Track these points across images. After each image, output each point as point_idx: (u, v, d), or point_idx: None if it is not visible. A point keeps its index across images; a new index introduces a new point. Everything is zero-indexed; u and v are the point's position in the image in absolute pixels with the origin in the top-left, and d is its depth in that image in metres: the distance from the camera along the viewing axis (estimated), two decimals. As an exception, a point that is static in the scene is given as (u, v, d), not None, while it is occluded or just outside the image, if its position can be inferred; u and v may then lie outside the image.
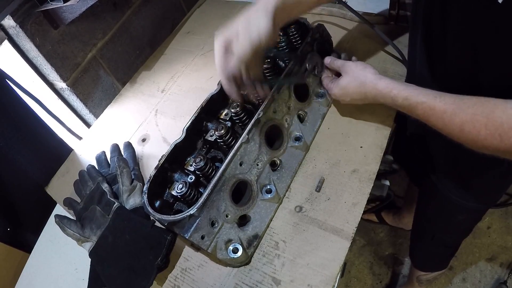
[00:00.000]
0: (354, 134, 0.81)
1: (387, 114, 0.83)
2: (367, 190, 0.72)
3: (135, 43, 1.13)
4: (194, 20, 1.29)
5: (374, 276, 1.64)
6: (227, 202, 0.66)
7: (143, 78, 1.14)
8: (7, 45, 0.85)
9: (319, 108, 0.86)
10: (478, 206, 0.90)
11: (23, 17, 0.81)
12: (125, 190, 0.78)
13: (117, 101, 1.10)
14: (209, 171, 0.69)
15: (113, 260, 0.70)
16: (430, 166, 0.90)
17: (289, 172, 0.77)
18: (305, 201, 0.74)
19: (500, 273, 1.56)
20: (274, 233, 0.71)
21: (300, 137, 0.79)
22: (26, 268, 0.83)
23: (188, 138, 0.73)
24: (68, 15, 0.86)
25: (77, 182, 0.87)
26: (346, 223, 0.69)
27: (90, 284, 0.71)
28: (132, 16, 1.10)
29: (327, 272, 0.64)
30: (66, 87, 0.95)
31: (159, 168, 0.69)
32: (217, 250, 0.65)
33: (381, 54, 0.96)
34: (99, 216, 0.74)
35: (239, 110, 0.74)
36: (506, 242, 1.63)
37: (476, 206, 0.90)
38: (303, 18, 0.88)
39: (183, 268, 0.71)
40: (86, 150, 1.00)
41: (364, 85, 0.70)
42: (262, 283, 0.65)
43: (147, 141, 0.96)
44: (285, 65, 0.83)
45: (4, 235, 0.83)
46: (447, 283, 1.57)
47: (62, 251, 0.83)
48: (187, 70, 1.11)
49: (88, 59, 1.00)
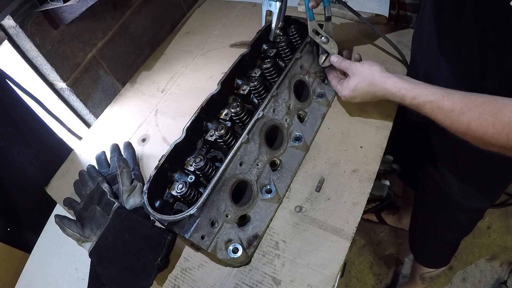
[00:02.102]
0: (354, 134, 0.81)
1: (387, 114, 0.83)
2: (367, 190, 0.72)
3: (135, 43, 1.13)
4: (194, 20, 1.29)
5: (374, 276, 1.64)
6: (227, 202, 0.66)
7: (143, 78, 1.14)
8: (7, 45, 0.85)
9: (319, 108, 0.86)
10: (479, 205, 0.90)
11: (23, 17, 0.81)
12: (125, 190, 0.78)
13: (117, 101, 1.10)
14: (209, 171, 0.69)
15: (113, 260, 0.70)
16: (432, 165, 0.90)
17: (289, 172, 0.77)
18: (305, 201, 0.74)
19: (500, 273, 1.56)
20: (274, 233, 0.71)
21: (300, 137, 0.79)
22: (26, 268, 0.83)
23: (188, 138, 0.73)
24: (68, 15, 0.86)
25: (77, 182, 0.87)
26: (346, 223, 0.69)
27: (90, 284, 0.71)
28: (132, 16, 1.10)
29: (327, 272, 0.64)
30: (66, 87, 0.95)
31: (159, 168, 0.69)
32: (217, 250, 0.65)
33: (381, 54, 0.96)
34: (99, 216, 0.74)
35: (239, 110, 0.74)
36: (506, 242, 1.63)
37: (477, 205, 0.90)
38: (303, 18, 0.88)
39: (183, 268, 0.71)
40: (86, 150, 1.00)
41: (373, 84, 0.71)
42: (262, 283, 0.65)
43: (147, 141, 0.96)
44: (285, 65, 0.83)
45: (4, 235, 0.83)
46: (447, 283, 1.57)
47: (62, 251, 0.83)
48: (187, 70, 1.11)
49: (88, 59, 1.00)
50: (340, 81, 0.80)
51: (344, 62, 0.79)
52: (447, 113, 0.58)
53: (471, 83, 0.64)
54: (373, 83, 0.71)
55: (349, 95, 0.76)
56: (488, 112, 0.52)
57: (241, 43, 1.12)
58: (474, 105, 0.54)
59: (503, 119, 0.50)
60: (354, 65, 0.76)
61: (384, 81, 0.69)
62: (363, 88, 0.73)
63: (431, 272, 1.32)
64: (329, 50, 0.83)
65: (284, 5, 0.85)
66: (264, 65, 0.82)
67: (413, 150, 0.99)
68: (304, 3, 0.77)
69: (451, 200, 0.90)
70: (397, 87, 0.66)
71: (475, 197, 0.88)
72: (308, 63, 0.84)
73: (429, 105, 0.61)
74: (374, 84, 0.71)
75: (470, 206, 0.90)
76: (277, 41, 0.87)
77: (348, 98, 0.77)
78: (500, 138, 0.51)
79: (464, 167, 0.83)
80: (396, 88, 0.66)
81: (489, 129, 0.52)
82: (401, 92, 0.65)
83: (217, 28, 1.23)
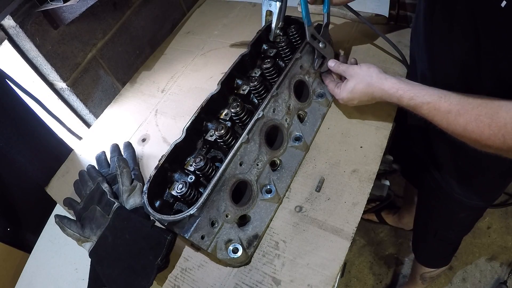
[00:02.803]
0: (354, 134, 0.81)
1: (387, 114, 0.83)
2: (367, 190, 0.72)
3: (135, 43, 1.13)
4: (194, 20, 1.29)
5: (374, 276, 1.64)
6: (227, 202, 0.66)
7: (143, 78, 1.14)
8: (7, 45, 0.85)
9: (319, 108, 0.86)
10: (479, 204, 0.91)
11: (23, 17, 0.81)
12: (125, 190, 0.78)
13: (117, 101, 1.10)
14: (209, 171, 0.69)
15: (113, 260, 0.70)
16: (433, 165, 0.91)
17: (289, 172, 0.77)
18: (305, 201, 0.74)
19: (500, 273, 1.56)
20: (274, 233, 0.71)
21: (300, 137, 0.79)
22: (26, 268, 0.83)
23: (188, 138, 0.73)
24: (68, 15, 0.86)
25: (77, 182, 0.87)
26: (346, 223, 0.69)
27: (90, 284, 0.71)
28: (132, 16, 1.10)
29: (327, 272, 0.64)
30: (66, 87, 0.95)
31: (159, 168, 0.69)
32: (217, 250, 0.65)
33: (381, 54, 0.96)
34: (99, 216, 0.74)
35: (239, 110, 0.74)
36: (506, 242, 1.63)
37: (477, 204, 0.90)
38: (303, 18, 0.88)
39: (183, 268, 0.71)
40: (86, 150, 1.00)
41: (371, 86, 0.71)
42: (262, 283, 0.65)
43: (147, 141, 0.96)
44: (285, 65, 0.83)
45: (4, 235, 0.83)
46: (447, 283, 1.57)
47: (62, 251, 0.83)
48: (187, 70, 1.11)
49: (88, 59, 1.00)
50: (338, 85, 0.80)
51: (341, 66, 0.79)
52: (444, 114, 0.58)
53: (466, 84, 0.64)
54: (371, 84, 0.71)
55: (347, 97, 0.76)
56: (485, 114, 0.52)
57: (241, 43, 1.12)
58: (470, 106, 0.55)
59: (499, 121, 0.50)
60: (352, 68, 0.76)
61: (382, 82, 0.69)
62: (361, 89, 0.73)
63: (431, 272, 1.32)
64: (326, 55, 0.83)
65: (284, 5, 0.85)
66: (264, 65, 0.82)
67: (413, 149, 0.99)
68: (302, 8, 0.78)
69: (452, 199, 0.90)
70: (395, 88, 0.66)
71: (476, 195, 0.88)
72: (308, 63, 0.84)
73: (426, 106, 0.61)
74: (372, 85, 0.71)
75: (471, 205, 0.90)
76: (277, 41, 0.87)
77: (346, 101, 0.77)
78: (497, 139, 0.51)
79: (464, 166, 0.83)
80: (394, 89, 0.67)
81: (485, 130, 0.52)
82: (399, 93, 0.66)
83: (217, 28, 1.23)
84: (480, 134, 0.53)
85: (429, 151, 0.89)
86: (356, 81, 0.74)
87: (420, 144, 0.94)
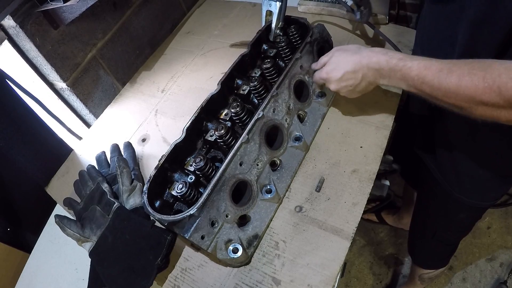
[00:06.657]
0: (354, 134, 0.81)
1: (387, 114, 0.83)
2: (367, 190, 0.72)
3: (135, 43, 1.13)
4: (194, 20, 1.29)
5: (374, 276, 1.64)
6: (227, 202, 0.66)
7: (143, 78, 1.14)
8: (7, 45, 0.85)
9: (319, 108, 0.86)
10: (479, 204, 0.90)
11: (23, 17, 0.81)
12: (125, 190, 0.78)
13: (117, 101, 1.10)
14: (209, 171, 0.69)
15: (113, 260, 0.70)
16: (433, 165, 0.90)
17: (289, 172, 0.77)
18: (305, 201, 0.74)
19: (500, 273, 1.56)
20: (274, 233, 0.71)
21: (300, 137, 0.79)
22: (26, 268, 0.83)
23: (188, 138, 0.73)
24: (68, 15, 0.86)
25: (77, 182, 0.87)
26: (346, 223, 0.69)
27: (90, 284, 0.71)
28: (132, 16, 1.10)
29: (327, 272, 0.64)
30: (66, 87, 0.95)
31: (159, 168, 0.69)
32: (217, 250, 0.65)
33: (381, 54, 0.96)
34: (99, 216, 0.74)
35: (239, 110, 0.74)
36: (506, 242, 1.63)
37: (477, 204, 0.90)
38: (303, 18, 0.88)
39: (183, 268, 0.71)
40: (86, 150, 1.00)
41: (359, 50, 0.70)
42: (262, 283, 0.65)
43: (147, 141, 0.96)
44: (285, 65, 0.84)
45: (4, 235, 0.83)
46: (447, 283, 1.57)
47: (62, 251, 0.83)
48: (187, 70, 1.11)
49: (88, 59, 1.00)
50: None
51: (322, 57, 0.79)
52: (436, 73, 0.56)
53: None
54: (360, 49, 0.71)
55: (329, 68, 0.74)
56: (478, 67, 0.51)
57: (241, 43, 1.12)
58: (463, 63, 0.53)
59: (493, 72, 0.49)
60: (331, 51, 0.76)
61: (369, 48, 0.69)
62: (345, 56, 0.71)
63: (430, 273, 1.32)
64: None
65: (284, 5, 0.85)
66: (264, 65, 0.82)
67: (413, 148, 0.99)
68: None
69: (452, 198, 0.90)
70: (383, 50, 0.66)
71: (476, 195, 0.88)
72: (308, 63, 0.84)
73: (416, 66, 0.59)
74: (360, 50, 0.70)
75: (471, 204, 0.90)
76: (277, 41, 0.87)
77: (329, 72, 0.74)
78: (492, 92, 0.49)
79: (464, 165, 0.83)
80: (383, 51, 0.66)
81: (480, 83, 0.50)
82: (388, 54, 0.64)
83: (217, 28, 1.23)
84: (474, 88, 0.51)
85: (429, 149, 0.89)
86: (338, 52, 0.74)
87: (420, 142, 0.94)
